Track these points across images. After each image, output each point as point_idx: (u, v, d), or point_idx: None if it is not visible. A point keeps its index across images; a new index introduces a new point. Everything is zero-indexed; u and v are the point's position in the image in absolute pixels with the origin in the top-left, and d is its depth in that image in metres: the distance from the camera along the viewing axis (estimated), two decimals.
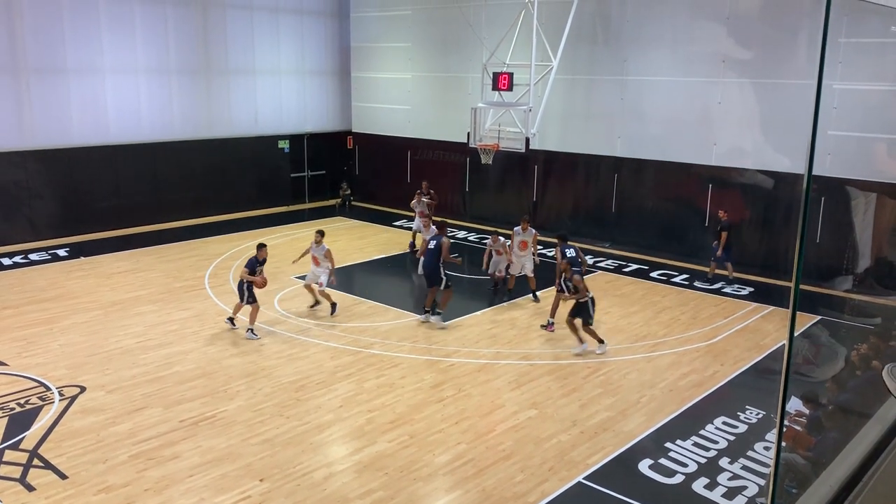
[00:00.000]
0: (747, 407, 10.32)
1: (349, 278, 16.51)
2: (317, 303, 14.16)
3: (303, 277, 15.77)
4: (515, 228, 15.01)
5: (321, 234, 14.08)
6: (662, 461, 8.90)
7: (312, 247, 13.91)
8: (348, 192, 24.68)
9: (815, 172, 3.43)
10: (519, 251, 14.91)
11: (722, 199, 17.19)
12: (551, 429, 9.63)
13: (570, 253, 13.24)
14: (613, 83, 18.75)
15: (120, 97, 19.97)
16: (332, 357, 11.86)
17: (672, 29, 17.66)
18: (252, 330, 12.60)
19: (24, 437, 9.12)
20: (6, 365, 11.28)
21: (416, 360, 11.86)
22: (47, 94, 18.63)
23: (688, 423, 9.88)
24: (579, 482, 8.42)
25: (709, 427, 9.75)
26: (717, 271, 16.27)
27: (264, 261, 12.90)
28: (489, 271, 15.35)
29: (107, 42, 19.48)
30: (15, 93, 18.13)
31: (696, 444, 9.30)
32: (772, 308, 14.57)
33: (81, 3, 18.89)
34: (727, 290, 15.80)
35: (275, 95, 23.61)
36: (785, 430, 6.97)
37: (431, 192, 18.82)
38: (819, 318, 13.67)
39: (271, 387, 10.73)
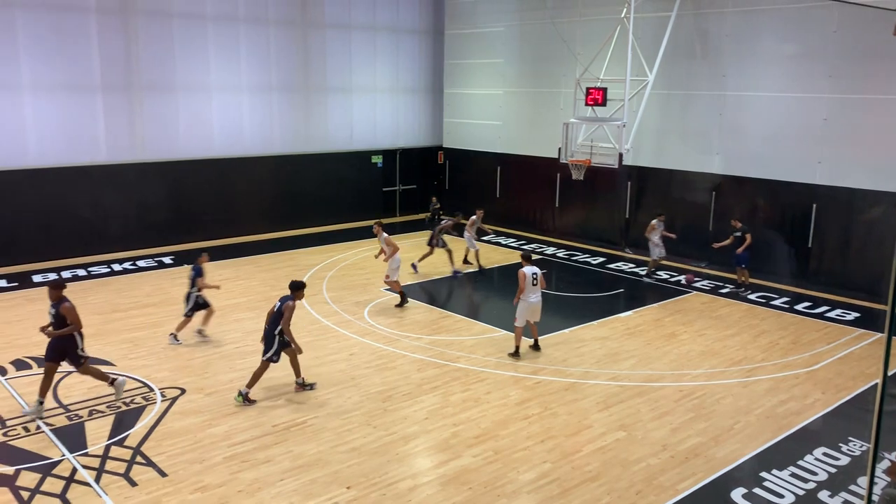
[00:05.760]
0: (850, 438, 9.79)
1: (436, 291, 16.66)
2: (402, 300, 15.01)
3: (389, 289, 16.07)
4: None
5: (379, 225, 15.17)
6: (757, 491, 8.54)
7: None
8: (438, 206, 24.95)
9: None
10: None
11: (827, 218, 16.44)
12: (640, 452, 9.41)
13: None
14: (711, 98, 18.26)
15: (224, 114, 20.97)
16: (418, 369, 11.99)
17: (774, 43, 17.06)
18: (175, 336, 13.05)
19: (128, 435, 9.63)
20: (114, 365, 11.94)
21: (502, 375, 11.84)
22: (158, 110, 19.74)
23: (785, 452, 9.45)
24: None
25: (808, 458, 9.29)
26: (750, 280, 16.92)
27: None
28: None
29: (213, 62, 20.50)
30: (128, 109, 19.29)
31: (793, 475, 8.88)
32: (879, 335, 13.78)
33: (191, 26, 19.97)
34: (831, 314, 15.06)
35: (369, 112, 24.24)
36: (889, 464, 6.59)
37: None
38: None
39: (359, 396, 10.94)
